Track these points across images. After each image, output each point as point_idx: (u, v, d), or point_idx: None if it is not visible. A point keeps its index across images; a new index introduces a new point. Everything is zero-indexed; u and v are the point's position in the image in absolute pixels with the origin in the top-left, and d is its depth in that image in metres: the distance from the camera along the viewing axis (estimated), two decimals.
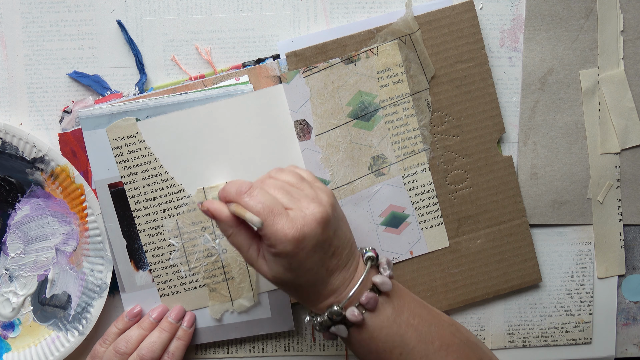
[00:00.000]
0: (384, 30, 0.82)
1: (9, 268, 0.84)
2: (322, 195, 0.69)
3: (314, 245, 0.66)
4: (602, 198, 0.86)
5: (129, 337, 0.80)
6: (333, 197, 0.70)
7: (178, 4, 0.83)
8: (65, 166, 0.81)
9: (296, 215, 0.66)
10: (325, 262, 0.68)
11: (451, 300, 0.86)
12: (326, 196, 0.69)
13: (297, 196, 0.68)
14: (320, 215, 0.66)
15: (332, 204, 0.69)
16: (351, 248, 0.71)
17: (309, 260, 0.67)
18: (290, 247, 0.65)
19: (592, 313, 0.88)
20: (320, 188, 0.71)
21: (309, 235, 0.66)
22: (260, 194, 0.67)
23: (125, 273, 0.83)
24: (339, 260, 0.70)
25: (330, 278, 0.69)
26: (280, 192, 0.68)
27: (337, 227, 0.69)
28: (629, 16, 0.84)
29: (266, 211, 0.66)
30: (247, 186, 0.68)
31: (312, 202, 0.67)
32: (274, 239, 0.66)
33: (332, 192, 0.72)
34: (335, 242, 0.69)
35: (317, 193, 0.69)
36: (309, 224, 0.66)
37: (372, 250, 0.72)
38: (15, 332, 0.85)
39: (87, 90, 0.84)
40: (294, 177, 0.72)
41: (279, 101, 0.83)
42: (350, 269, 0.71)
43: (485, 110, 0.84)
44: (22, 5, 0.82)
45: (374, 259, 0.72)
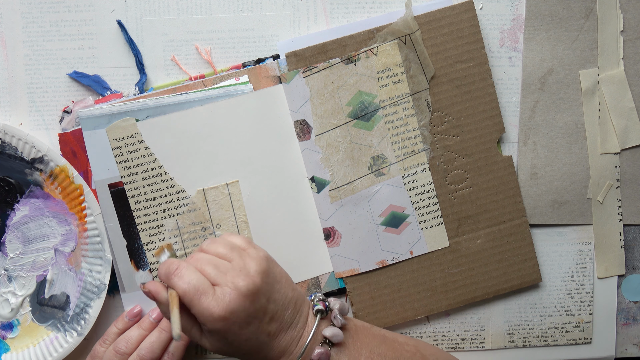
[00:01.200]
0: (383, 30, 0.82)
1: (7, 268, 0.84)
2: (250, 264, 0.68)
3: (245, 318, 0.66)
4: (602, 198, 0.86)
5: (129, 337, 0.80)
6: (265, 262, 0.69)
7: (178, 4, 0.83)
8: (65, 166, 0.81)
9: (223, 292, 0.66)
10: (264, 329, 0.68)
11: (451, 300, 0.86)
12: (255, 264, 0.68)
13: (224, 270, 0.68)
14: (246, 289, 0.66)
15: (262, 271, 0.68)
16: (295, 306, 0.71)
17: (245, 332, 0.67)
18: (219, 324, 0.66)
19: (592, 313, 0.88)
20: (250, 255, 0.70)
21: (236, 310, 0.65)
22: (187, 274, 0.67)
23: (125, 273, 0.83)
24: (280, 323, 0.69)
25: (275, 341, 0.69)
26: (208, 267, 0.68)
27: (272, 292, 0.69)
28: (629, 16, 0.84)
29: (192, 291, 0.66)
30: (175, 266, 0.68)
31: (238, 275, 0.67)
32: (202, 318, 0.66)
33: (265, 256, 0.71)
34: (271, 308, 0.68)
35: (245, 263, 0.68)
36: (234, 300, 0.65)
37: (321, 302, 0.72)
38: (14, 332, 0.85)
39: (87, 90, 0.84)
40: (225, 248, 0.71)
41: (279, 101, 0.83)
42: (298, 326, 0.70)
43: (485, 110, 0.84)
44: (22, 5, 0.82)
45: (324, 311, 0.72)
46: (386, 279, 0.85)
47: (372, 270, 0.85)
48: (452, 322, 0.88)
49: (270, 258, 0.71)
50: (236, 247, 0.71)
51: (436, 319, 0.88)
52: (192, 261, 0.69)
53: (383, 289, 0.85)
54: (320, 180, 0.84)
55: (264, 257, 0.70)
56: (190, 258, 0.70)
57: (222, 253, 0.70)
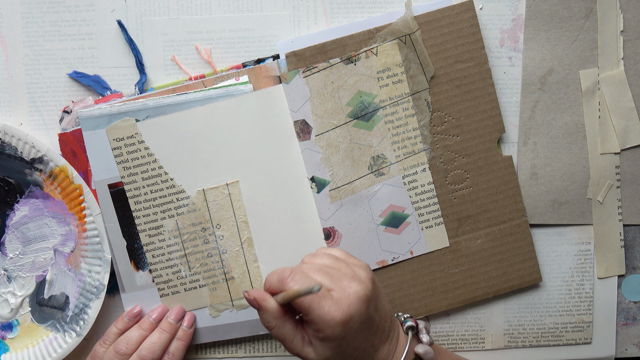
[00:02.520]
0: (383, 30, 0.82)
1: (7, 269, 0.84)
2: (360, 272, 0.69)
3: (360, 325, 0.67)
4: (602, 198, 0.86)
5: (129, 337, 0.80)
6: (371, 271, 0.70)
7: (178, 4, 0.83)
8: (64, 167, 0.81)
9: (340, 296, 0.66)
10: (370, 339, 0.69)
11: (451, 300, 0.86)
12: (364, 272, 0.69)
13: (337, 276, 0.68)
14: (363, 293, 0.66)
15: (371, 278, 0.69)
16: (391, 319, 0.72)
17: (356, 340, 0.67)
18: (339, 329, 0.65)
19: (592, 313, 0.88)
20: (356, 264, 0.71)
21: (355, 315, 0.66)
22: (302, 278, 0.67)
23: (125, 273, 0.83)
24: (382, 334, 0.70)
25: (376, 353, 0.70)
26: (319, 275, 0.68)
27: (377, 301, 0.70)
28: (629, 16, 0.85)
29: (312, 296, 0.65)
30: (289, 272, 0.68)
31: (352, 280, 0.67)
32: (321, 323, 0.65)
33: (368, 266, 0.72)
34: (377, 317, 0.69)
35: (354, 271, 0.69)
36: (353, 304, 0.66)
37: (412, 319, 0.73)
38: (13, 332, 0.85)
39: (87, 90, 0.84)
40: (329, 259, 0.71)
41: (279, 101, 0.83)
42: (392, 340, 0.71)
43: (485, 110, 0.84)
44: (22, 5, 0.82)
45: (414, 327, 0.73)
46: (386, 279, 0.85)
47: (372, 270, 0.85)
48: (452, 322, 0.88)
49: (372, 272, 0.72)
50: (339, 259, 0.72)
51: (436, 319, 0.88)
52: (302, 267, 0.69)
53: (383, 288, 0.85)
54: (320, 180, 0.84)
55: (369, 268, 0.71)
56: (299, 266, 0.70)
57: (327, 263, 0.71)
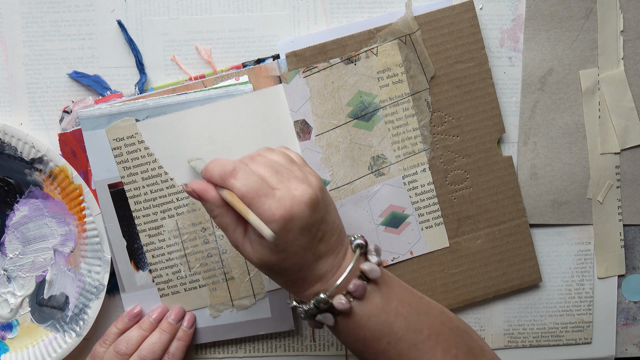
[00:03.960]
0: (383, 30, 0.82)
1: (7, 269, 0.84)
2: (311, 177, 0.67)
3: (301, 228, 0.65)
4: (602, 198, 0.86)
5: (130, 338, 0.80)
6: (321, 181, 0.69)
7: (178, 4, 0.83)
8: (64, 167, 0.81)
9: (284, 195, 0.64)
10: (312, 246, 0.67)
11: (451, 300, 0.86)
12: (315, 179, 0.68)
13: (286, 176, 0.66)
14: (309, 197, 0.65)
15: (321, 188, 0.68)
16: (339, 234, 0.70)
17: (296, 243, 0.65)
18: (278, 228, 0.64)
19: (592, 313, 0.88)
20: (309, 171, 0.69)
21: (297, 216, 0.64)
22: (245, 175, 0.65)
23: (125, 273, 0.83)
24: (327, 245, 0.68)
25: (317, 263, 0.68)
26: (268, 170, 0.66)
27: (326, 212, 0.68)
28: (629, 16, 0.85)
29: (251, 193, 0.64)
30: (231, 166, 0.66)
31: (301, 183, 0.66)
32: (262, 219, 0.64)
33: (319, 177, 0.70)
34: (323, 227, 0.67)
35: (306, 175, 0.67)
36: (297, 205, 0.64)
37: (361, 238, 0.71)
38: (13, 333, 0.85)
39: (87, 90, 0.84)
40: (284, 158, 0.70)
41: (279, 101, 0.83)
42: (339, 256, 0.69)
43: (485, 110, 0.84)
44: (22, 5, 0.82)
45: (363, 246, 0.70)
46: None
47: None
48: None
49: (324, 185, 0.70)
50: (293, 161, 0.70)
51: None
52: (249, 161, 0.68)
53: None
54: None
55: (320, 179, 0.69)
56: (247, 159, 0.68)
57: (281, 162, 0.69)
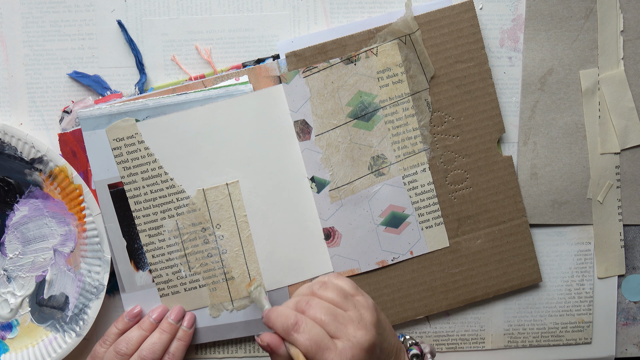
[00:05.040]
0: (383, 30, 0.82)
1: (7, 269, 0.84)
2: (365, 314, 0.69)
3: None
4: (602, 198, 0.86)
5: (130, 338, 0.80)
6: (376, 311, 0.70)
7: (178, 4, 0.83)
8: (64, 167, 0.81)
9: (344, 347, 0.66)
10: None
11: (451, 300, 0.86)
12: (369, 314, 0.69)
13: (343, 321, 0.68)
14: (367, 344, 0.67)
15: (376, 322, 0.69)
16: (397, 352, 0.72)
17: None
18: None
19: (592, 313, 0.88)
20: (362, 305, 0.70)
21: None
22: (307, 328, 0.67)
23: (125, 273, 0.83)
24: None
25: None
26: (327, 317, 0.68)
27: (382, 341, 0.70)
28: (629, 16, 0.85)
29: (314, 348, 0.66)
30: (293, 319, 0.68)
31: (358, 328, 0.67)
32: None
33: (373, 304, 0.71)
34: (382, 357, 0.69)
35: (361, 314, 0.69)
36: (357, 355, 0.66)
37: (416, 347, 0.74)
38: (13, 333, 0.85)
39: (87, 90, 0.84)
40: (338, 295, 0.71)
41: (279, 101, 0.83)
42: None
43: (485, 110, 0.84)
44: (22, 5, 0.82)
45: (419, 356, 0.74)
46: (386, 279, 0.85)
47: (372, 270, 0.85)
48: (452, 322, 0.88)
49: (376, 306, 0.72)
50: (348, 294, 0.71)
51: (436, 319, 0.88)
52: (307, 308, 0.69)
53: (383, 289, 0.85)
54: (320, 180, 0.84)
55: (374, 306, 0.71)
56: (305, 303, 0.70)
57: (336, 301, 0.70)
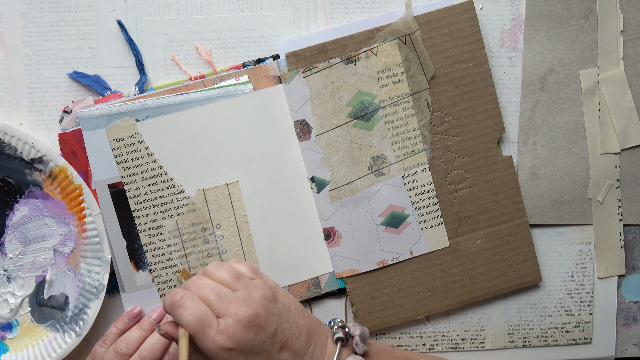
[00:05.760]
0: (383, 30, 0.82)
1: (7, 269, 0.84)
2: (254, 293, 0.68)
3: (251, 349, 0.66)
4: (602, 198, 0.86)
5: (130, 338, 0.80)
6: (270, 292, 0.69)
7: (178, 4, 0.83)
8: (64, 167, 0.81)
9: (226, 324, 0.66)
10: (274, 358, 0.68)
11: (451, 300, 0.86)
12: (260, 293, 0.68)
13: (228, 300, 0.67)
14: (247, 320, 0.66)
15: (267, 300, 0.68)
16: (309, 334, 0.70)
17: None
18: (225, 356, 0.65)
19: (592, 313, 0.88)
20: (255, 285, 0.69)
21: (240, 341, 0.65)
22: (190, 305, 0.66)
23: (125, 273, 0.83)
24: (292, 352, 0.69)
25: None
26: (212, 295, 0.68)
27: (280, 321, 0.69)
28: (629, 16, 0.85)
29: (197, 324, 0.65)
30: (179, 295, 0.67)
31: (241, 305, 0.67)
32: (207, 351, 0.66)
33: (271, 286, 0.71)
34: (279, 337, 0.68)
35: (250, 293, 0.68)
36: (238, 332, 0.65)
37: (341, 330, 0.72)
38: (13, 333, 0.85)
39: (87, 90, 0.84)
40: (230, 276, 0.70)
41: (279, 101, 0.83)
42: (315, 355, 0.70)
43: (485, 110, 0.84)
44: (22, 5, 0.82)
45: (344, 339, 0.71)
46: (386, 279, 0.85)
47: (372, 271, 0.85)
48: (452, 322, 0.88)
49: (277, 287, 0.71)
50: (242, 276, 0.71)
51: (436, 319, 0.88)
52: (194, 288, 0.69)
53: (383, 289, 0.85)
54: (320, 180, 0.84)
55: (270, 287, 0.70)
56: (193, 284, 0.69)
57: (226, 281, 0.70)
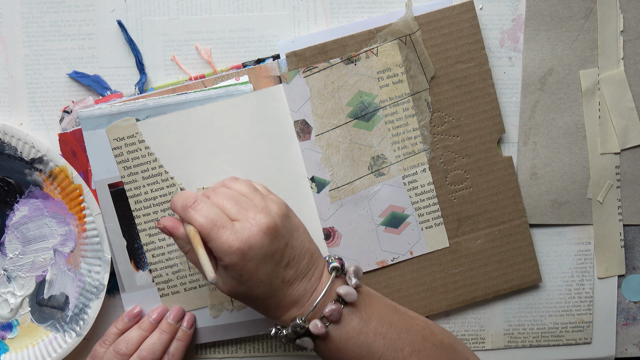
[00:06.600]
0: (384, 31, 0.82)
1: (7, 269, 0.84)
2: (272, 205, 0.68)
3: (262, 256, 0.66)
4: (602, 198, 0.86)
5: (129, 338, 0.80)
6: (285, 208, 0.70)
7: (178, 4, 0.83)
8: (64, 166, 0.81)
9: (242, 227, 0.66)
10: (279, 273, 0.68)
11: (451, 301, 0.86)
12: (276, 207, 0.68)
13: (246, 206, 0.68)
14: (266, 226, 0.66)
15: (283, 214, 0.68)
16: (312, 257, 0.71)
17: (260, 272, 0.67)
18: (236, 258, 0.65)
19: (592, 313, 0.88)
20: (272, 199, 0.70)
21: (255, 245, 0.65)
22: (204, 207, 0.67)
23: (125, 273, 0.83)
24: (296, 270, 0.69)
25: (289, 289, 0.69)
26: (229, 202, 0.68)
27: (290, 238, 0.69)
28: (629, 16, 0.85)
29: (210, 224, 0.65)
30: (193, 199, 0.68)
31: (259, 212, 0.67)
32: (219, 252, 0.66)
33: (285, 203, 0.71)
34: (288, 253, 0.68)
35: (267, 204, 0.68)
36: (254, 235, 0.65)
37: (337, 260, 0.71)
38: (13, 333, 0.85)
39: (87, 90, 0.84)
40: (247, 188, 0.71)
41: (279, 101, 0.83)
42: (313, 279, 0.70)
43: (485, 110, 0.84)
44: (22, 5, 0.82)
45: (339, 269, 0.71)
46: (386, 279, 0.85)
47: (372, 270, 0.85)
48: (452, 322, 0.88)
49: (289, 207, 0.71)
50: (258, 190, 0.71)
51: (436, 319, 0.88)
52: (211, 194, 0.69)
53: (383, 289, 0.85)
54: (320, 180, 0.84)
55: (284, 204, 0.70)
56: (210, 191, 0.70)
57: (244, 191, 0.70)
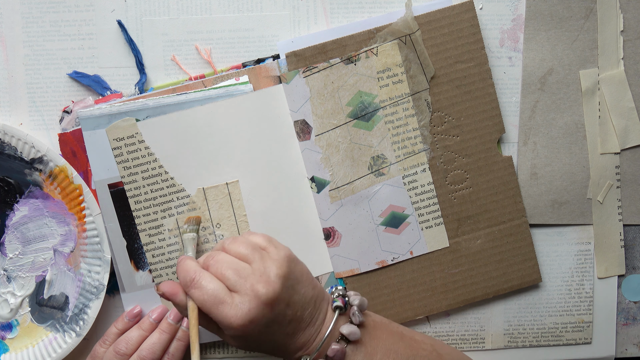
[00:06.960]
0: (383, 31, 0.82)
1: (7, 269, 0.84)
2: (271, 267, 0.67)
3: (264, 325, 0.66)
4: (602, 198, 0.86)
5: (129, 338, 0.80)
6: (286, 263, 0.68)
7: (178, 4, 0.83)
8: (64, 167, 0.81)
9: (242, 301, 0.66)
10: (282, 330, 0.68)
11: (451, 300, 0.86)
12: (276, 267, 0.67)
13: (245, 275, 0.67)
14: (265, 297, 0.66)
15: (284, 275, 0.67)
16: (315, 304, 0.70)
17: (265, 335, 0.68)
18: (240, 332, 0.66)
19: (592, 313, 0.88)
20: (271, 257, 0.69)
21: (256, 318, 0.65)
22: (204, 283, 0.67)
23: (125, 273, 0.83)
24: (299, 323, 0.69)
25: (293, 339, 0.69)
26: (228, 271, 0.67)
27: (292, 295, 0.68)
28: (629, 16, 0.85)
29: (210, 301, 0.66)
30: (192, 276, 0.68)
31: (258, 282, 0.66)
32: (222, 326, 0.67)
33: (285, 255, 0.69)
34: (290, 312, 0.68)
35: (265, 267, 0.67)
36: (254, 308, 0.65)
37: (340, 299, 0.71)
38: (13, 333, 0.85)
39: (87, 90, 0.84)
40: (246, 248, 0.70)
41: (279, 101, 0.83)
42: (317, 323, 0.70)
43: (485, 110, 0.84)
44: (22, 5, 0.82)
45: (342, 307, 0.71)
46: (386, 279, 0.85)
47: (372, 271, 0.85)
48: (452, 322, 0.88)
49: (291, 257, 0.70)
50: (257, 247, 0.70)
51: (436, 319, 0.88)
52: (212, 263, 0.69)
53: (383, 289, 0.85)
54: (320, 180, 0.84)
55: (285, 258, 0.69)
56: (211, 259, 0.69)
57: (243, 254, 0.69)
